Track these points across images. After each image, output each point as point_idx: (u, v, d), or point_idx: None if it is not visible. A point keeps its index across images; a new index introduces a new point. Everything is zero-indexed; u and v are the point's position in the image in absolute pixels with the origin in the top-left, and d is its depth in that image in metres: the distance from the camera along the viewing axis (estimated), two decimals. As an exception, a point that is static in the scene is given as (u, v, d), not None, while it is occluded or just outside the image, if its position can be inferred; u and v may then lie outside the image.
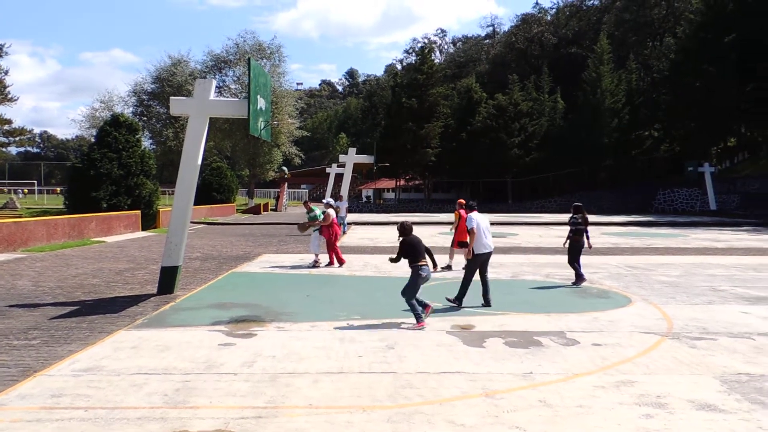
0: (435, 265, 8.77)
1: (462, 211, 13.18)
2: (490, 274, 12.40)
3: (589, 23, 72.97)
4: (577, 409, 5.03)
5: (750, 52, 43.91)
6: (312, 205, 15.39)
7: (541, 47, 73.95)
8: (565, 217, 12.97)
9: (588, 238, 11.86)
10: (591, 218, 13.24)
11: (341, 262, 14.55)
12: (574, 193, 52.01)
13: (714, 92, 44.59)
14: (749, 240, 22.63)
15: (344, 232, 23.59)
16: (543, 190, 53.06)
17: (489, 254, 9.73)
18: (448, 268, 13.79)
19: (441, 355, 6.71)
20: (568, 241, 11.91)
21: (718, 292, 10.85)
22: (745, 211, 40.20)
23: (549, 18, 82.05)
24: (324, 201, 15.75)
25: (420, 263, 8.09)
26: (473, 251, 9.59)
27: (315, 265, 14.42)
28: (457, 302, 9.45)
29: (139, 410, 4.98)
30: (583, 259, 16.09)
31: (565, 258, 12.24)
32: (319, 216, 14.62)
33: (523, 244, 20.71)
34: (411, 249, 8.18)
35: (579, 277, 11.61)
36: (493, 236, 10.13)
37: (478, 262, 9.62)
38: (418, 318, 8.01)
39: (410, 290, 8.07)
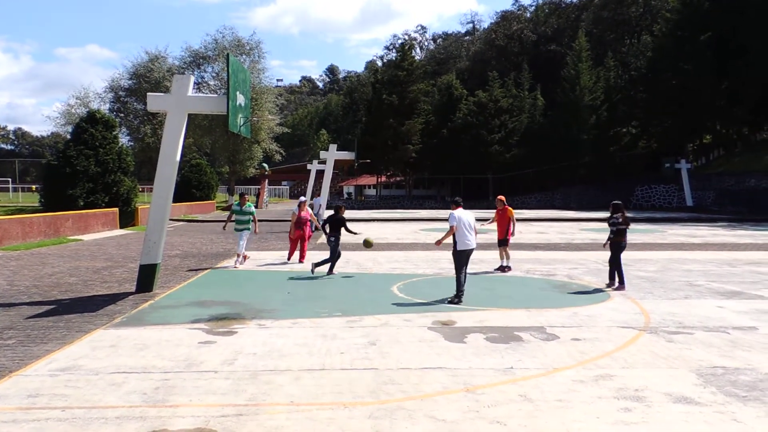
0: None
1: (504, 208, 13.41)
2: (471, 270, 12.46)
3: (568, 21, 73.64)
4: (556, 404, 5.08)
5: (725, 50, 44.67)
6: (248, 200, 14.34)
7: (521, 44, 74.42)
8: (546, 213, 13.11)
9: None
10: (569, 214, 13.34)
11: (301, 259, 14.66)
12: (555, 190, 52.59)
13: (690, 90, 45.30)
14: (724, 235, 23.04)
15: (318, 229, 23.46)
16: (523, 186, 53.48)
17: (471, 251, 9.81)
18: (506, 268, 13.15)
19: (422, 350, 6.72)
20: (609, 242, 11.10)
21: (695, 287, 11.03)
22: (720, 207, 40.95)
23: (528, 15, 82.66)
24: (301, 199, 15.35)
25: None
26: (456, 248, 9.66)
27: (239, 263, 13.88)
28: (457, 299, 9.55)
29: (118, 409, 4.92)
30: (561, 255, 16.32)
31: (545, 254, 12.37)
32: (244, 211, 13.88)
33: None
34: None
35: (621, 282, 10.80)
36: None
37: (463, 258, 9.71)
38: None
39: None
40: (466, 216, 9.85)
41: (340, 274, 12.60)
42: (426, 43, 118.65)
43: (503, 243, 13.28)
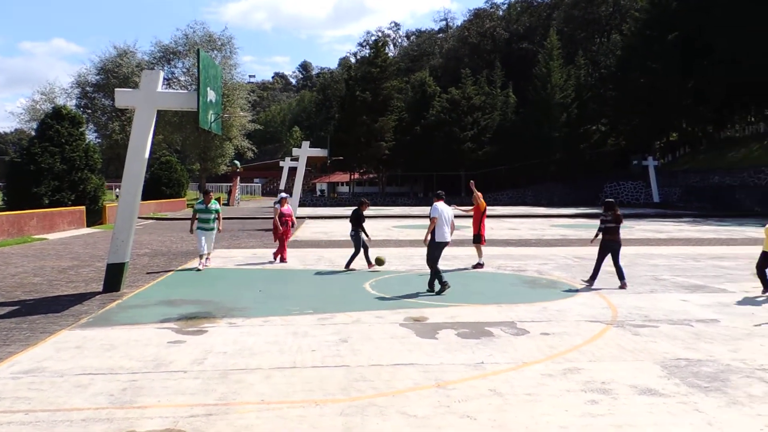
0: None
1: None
2: (443, 265, 12.53)
3: (540, 19, 74.42)
4: (526, 397, 5.15)
5: (691, 49, 45.66)
6: (213, 198, 13.33)
7: (494, 42, 74.98)
8: (517, 209, 13.25)
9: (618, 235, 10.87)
10: (540, 210, 13.45)
11: (276, 256, 14.37)
12: (527, 187, 53.16)
13: (658, 88, 46.22)
14: (689, 231, 23.58)
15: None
16: (496, 183, 53.91)
17: (446, 244, 10.10)
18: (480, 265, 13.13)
19: (394, 347, 6.75)
20: (600, 241, 10.94)
21: (660, 281, 11.27)
22: (685, 204, 41.91)
23: (501, 13, 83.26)
24: (282, 195, 14.95)
25: None
26: (435, 239, 9.87)
27: (203, 264, 13.02)
28: (433, 291, 9.89)
29: (84, 411, 4.83)
30: (532, 251, 16.52)
31: (516, 250, 12.50)
32: (209, 210, 13.01)
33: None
34: None
35: (593, 278, 10.81)
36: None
37: (439, 251, 9.95)
38: None
39: None
40: (446, 210, 10.11)
41: (312, 270, 12.55)
42: (399, 40, 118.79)
43: (477, 239, 13.27)
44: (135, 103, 10.61)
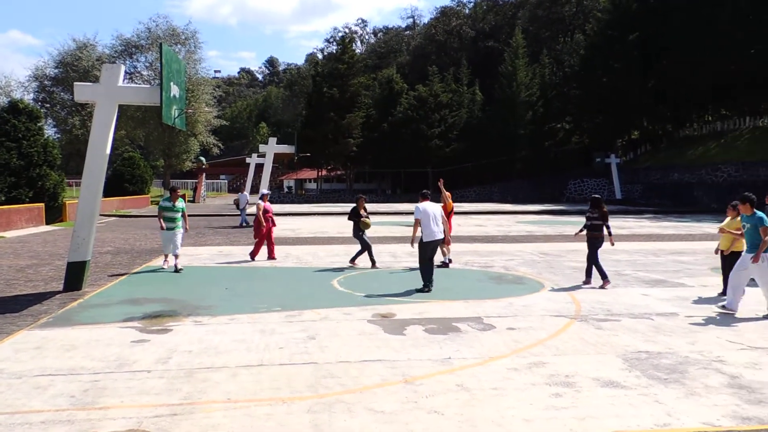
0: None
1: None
2: (410, 262, 12.62)
3: (505, 18, 75.19)
4: (492, 392, 5.21)
5: (651, 50, 46.79)
6: (180, 196, 12.54)
7: (460, 40, 75.49)
8: (484, 206, 13.40)
9: (610, 234, 10.76)
10: (507, 207, 13.51)
11: (253, 256, 13.88)
12: (493, 184, 53.73)
13: (619, 88, 47.22)
14: (650, 227, 24.18)
15: (243, 225, 22.98)
16: (463, 180, 54.34)
17: (437, 242, 10.22)
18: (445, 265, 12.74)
19: (362, 343, 6.75)
20: (587, 239, 10.73)
21: (622, 276, 11.54)
22: (647, 200, 42.97)
23: (467, 11, 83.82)
24: (263, 192, 14.57)
25: None
26: (423, 239, 9.95)
27: (166, 263, 12.49)
28: (427, 289, 9.87)
29: (43, 413, 4.71)
30: (498, 247, 16.72)
31: (483, 246, 12.63)
32: (176, 208, 12.22)
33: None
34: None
35: (604, 277, 10.39)
36: (413, 226, 10.26)
37: (428, 250, 10.01)
38: None
39: None
40: (432, 208, 10.17)
41: (280, 267, 12.46)
42: (366, 37, 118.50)
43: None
44: (95, 98, 10.37)
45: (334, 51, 70.83)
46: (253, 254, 13.94)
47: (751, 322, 7.83)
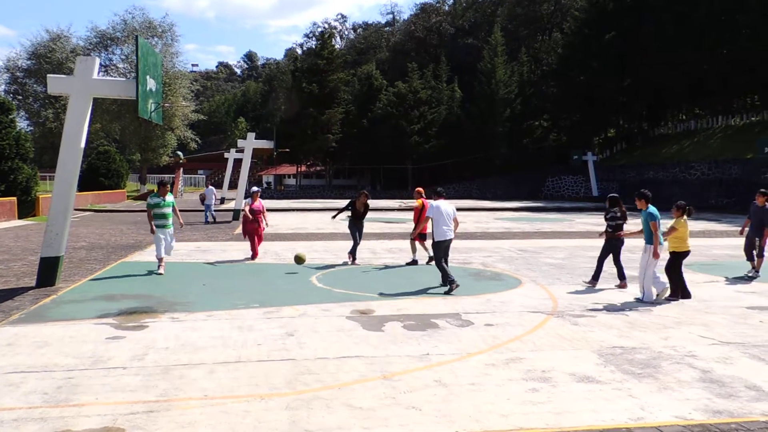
0: None
1: (425, 200, 12.13)
2: (389, 259, 12.64)
3: (484, 15, 75.56)
4: (469, 387, 5.25)
5: (628, 49, 47.41)
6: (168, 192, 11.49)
7: (440, 37, 75.67)
8: (463, 203, 13.43)
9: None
10: (485, 204, 13.48)
11: (254, 256, 13.16)
12: (472, 180, 54.05)
13: (596, 86, 47.80)
14: (626, 224, 24.48)
15: (210, 222, 22.68)
16: (442, 177, 54.59)
17: (450, 241, 9.86)
18: (414, 262, 12.72)
19: (341, 340, 6.75)
20: (606, 239, 10.43)
21: (598, 272, 11.67)
22: (622, 198, 43.54)
23: (447, 8, 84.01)
24: (254, 189, 13.74)
25: None
26: (434, 238, 9.63)
27: (163, 268, 11.23)
28: (449, 288, 9.52)
29: (15, 411, 4.62)
30: (477, 243, 16.81)
31: (461, 242, 12.65)
32: (167, 203, 11.29)
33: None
34: None
35: (622, 278, 10.20)
36: (393, 222, 10.26)
37: (442, 250, 9.74)
38: None
39: None
40: (445, 207, 9.80)
41: (258, 264, 12.37)
42: (346, 33, 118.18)
43: (422, 237, 12.60)
44: (69, 91, 10.18)
45: (314, 46, 70.59)
46: (253, 256, 13.13)
47: (722, 317, 7.99)
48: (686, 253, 9.18)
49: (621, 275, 10.20)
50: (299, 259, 11.57)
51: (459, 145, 53.41)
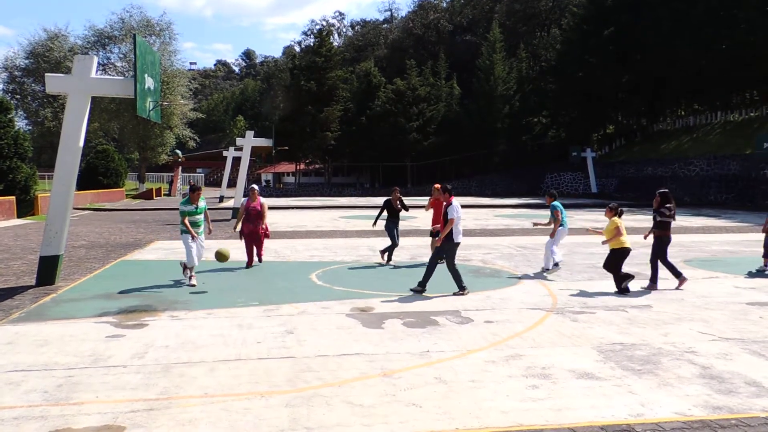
0: None
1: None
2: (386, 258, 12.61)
3: (482, 12, 75.44)
4: (469, 384, 5.26)
5: (626, 45, 47.38)
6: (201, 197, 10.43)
7: (438, 34, 75.56)
8: (462, 200, 13.29)
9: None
10: (485, 201, 13.43)
11: (258, 259, 12.18)
12: (471, 177, 54.03)
13: (594, 82, 47.75)
14: (625, 220, 24.44)
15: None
16: (441, 173, 54.55)
17: (458, 244, 9.54)
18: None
19: (341, 337, 6.75)
20: (655, 237, 10.10)
21: (597, 269, 11.68)
22: (621, 194, 43.57)
23: (445, 5, 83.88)
24: (251, 187, 12.47)
25: None
26: (452, 240, 9.26)
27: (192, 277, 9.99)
28: (461, 291, 9.23)
29: (16, 409, 4.62)
30: (476, 240, 16.82)
31: (463, 239, 12.55)
32: (199, 210, 10.22)
33: (423, 226, 21.20)
34: None
35: (680, 277, 9.81)
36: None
37: (455, 250, 9.46)
38: None
39: None
40: (459, 208, 9.49)
41: (257, 262, 12.35)
42: (344, 30, 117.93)
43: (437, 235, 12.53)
44: (67, 90, 10.16)
45: (312, 44, 70.47)
46: (259, 255, 12.13)
47: (721, 313, 8.00)
48: (626, 251, 9.51)
49: (677, 272, 9.83)
50: (222, 256, 10.20)
51: (458, 142, 53.37)
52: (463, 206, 13.56)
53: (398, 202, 12.47)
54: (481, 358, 6.02)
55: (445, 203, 9.52)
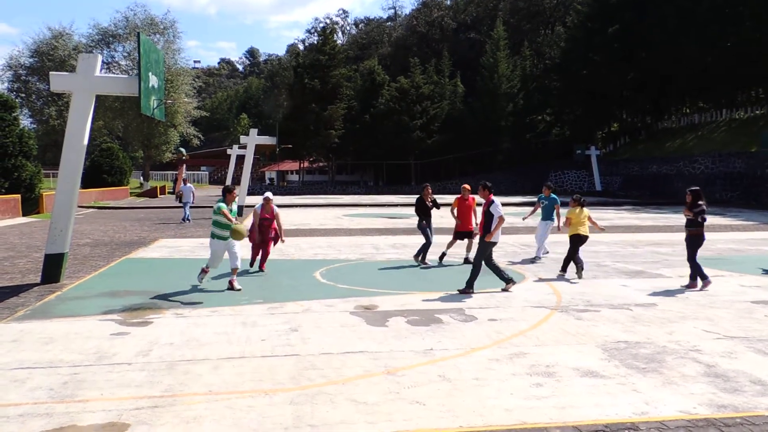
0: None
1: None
2: (392, 254, 12.66)
3: (486, 9, 75.24)
4: (473, 382, 5.25)
5: (631, 42, 47.20)
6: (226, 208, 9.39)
7: (441, 31, 75.44)
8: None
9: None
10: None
11: (260, 266, 11.26)
12: (474, 175, 53.93)
13: (599, 80, 47.58)
14: (629, 218, 24.48)
15: (186, 220, 22.52)
16: (445, 172, 54.52)
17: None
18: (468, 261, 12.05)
19: (344, 335, 6.76)
20: (692, 235, 9.92)
21: (602, 267, 11.67)
22: (626, 192, 43.47)
23: (448, 3, 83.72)
24: (266, 195, 11.11)
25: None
26: (492, 239, 9.21)
27: (235, 281, 9.52)
28: (509, 284, 9.25)
29: (22, 407, 4.64)
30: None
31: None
32: (233, 212, 9.58)
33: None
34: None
35: (704, 278, 9.64)
36: (396, 218, 10.24)
37: (491, 249, 9.36)
38: None
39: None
40: None
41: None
42: (348, 28, 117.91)
43: (470, 235, 12.17)
44: (72, 88, 10.19)
45: (315, 42, 70.32)
46: (261, 265, 11.20)
47: (726, 312, 7.98)
48: (583, 238, 10.74)
49: (696, 275, 9.69)
50: (237, 234, 9.19)
51: (462, 140, 53.29)
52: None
53: (430, 200, 12.30)
54: (485, 356, 6.01)
55: (485, 201, 9.43)
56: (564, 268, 10.75)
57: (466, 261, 11.96)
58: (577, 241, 10.66)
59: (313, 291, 9.31)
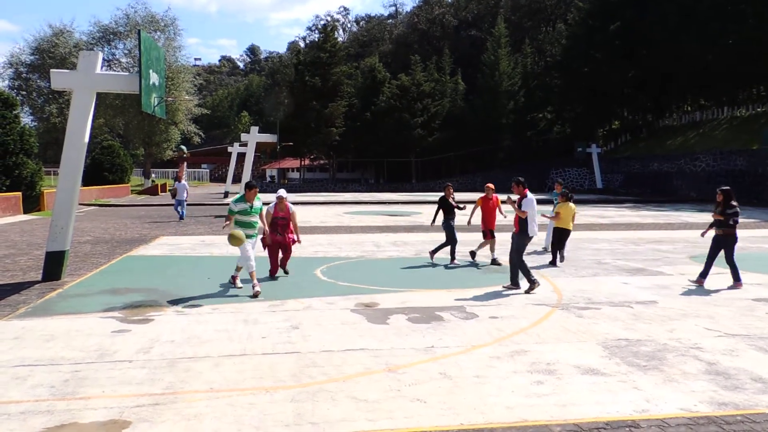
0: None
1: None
2: (393, 252, 12.66)
3: (488, 7, 75.19)
4: (474, 380, 5.25)
5: (632, 40, 47.14)
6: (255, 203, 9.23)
7: (443, 29, 75.39)
8: (468, 196, 13.37)
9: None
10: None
11: (272, 273, 10.40)
12: (475, 173, 53.95)
13: (600, 77, 47.55)
14: (630, 216, 24.46)
15: (182, 217, 22.47)
16: (446, 169, 54.54)
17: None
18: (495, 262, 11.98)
19: (345, 333, 6.76)
20: (724, 235, 9.71)
21: (603, 265, 11.67)
22: (627, 190, 43.44)
23: (450, 0, 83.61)
24: (280, 193, 10.41)
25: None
26: (527, 233, 9.08)
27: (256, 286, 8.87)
28: (518, 287, 9.16)
29: (23, 404, 4.65)
30: (481, 236, 16.73)
31: (467, 236, 12.59)
32: (254, 210, 9.29)
33: (426, 222, 21.19)
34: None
35: (738, 279, 9.57)
36: (397, 215, 10.24)
37: (526, 245, 9.30)
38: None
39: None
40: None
41: (263, 256, 12.35)
42: (349, 25, 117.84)
43: (492, 234, 12.21)
44: (73, 86, 10.18)
45: (316, 39, 70.29)
46: (271, 272, 10.36)
47: (727, 309, 7.98)
48: (567, 231, 11.66)
49: (737, 275, 9.55)
50: (235, 239, 8.63)
51: (463, 138, 53.28)
52: (468, 202, 13.54)
53: (451, 199, 12.34)
54: (486, 353, 6.01)
55: (519, 196, 9.33)
56: (553, 261, 11.73)
57: (494, 262, 11.93)
58: (563, 234, 11.65)
59: (314, 288, 9.31)
